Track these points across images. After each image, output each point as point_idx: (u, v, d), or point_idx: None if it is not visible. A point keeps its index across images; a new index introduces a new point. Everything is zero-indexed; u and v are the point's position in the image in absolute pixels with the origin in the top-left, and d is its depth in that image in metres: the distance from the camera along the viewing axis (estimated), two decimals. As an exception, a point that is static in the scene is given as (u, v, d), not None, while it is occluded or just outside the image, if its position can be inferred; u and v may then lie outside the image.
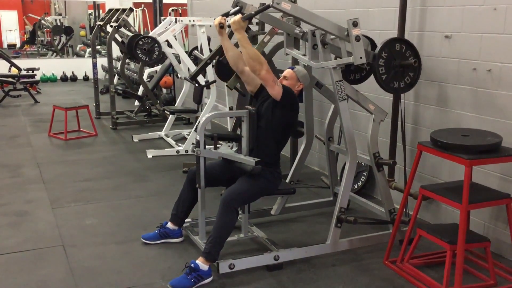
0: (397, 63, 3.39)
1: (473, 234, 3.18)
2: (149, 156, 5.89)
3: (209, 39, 6.26)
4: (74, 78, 12.73)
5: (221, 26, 3.33)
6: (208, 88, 5.90)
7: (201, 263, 3.08)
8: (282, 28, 3.77)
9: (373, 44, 3.58)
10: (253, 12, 3.16)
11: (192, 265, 3.07)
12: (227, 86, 4.45)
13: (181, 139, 6.67)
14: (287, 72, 3.48)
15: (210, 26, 6.12)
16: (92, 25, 15.70)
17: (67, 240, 3.70)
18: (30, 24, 16.55)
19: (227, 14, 3.46)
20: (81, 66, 12.80)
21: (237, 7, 3.41)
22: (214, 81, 5.76)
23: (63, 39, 14.89)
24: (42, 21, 15.97)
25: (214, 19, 3.43)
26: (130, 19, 8.04)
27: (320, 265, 3.33)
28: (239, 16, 3.17)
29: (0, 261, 3.40)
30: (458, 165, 2.99)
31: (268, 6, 3.11)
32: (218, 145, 3.39)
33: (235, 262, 3.18)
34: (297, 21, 4.42)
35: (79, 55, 14.39)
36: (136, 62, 8.74)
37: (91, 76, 10.56)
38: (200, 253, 3.17)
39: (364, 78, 3.75)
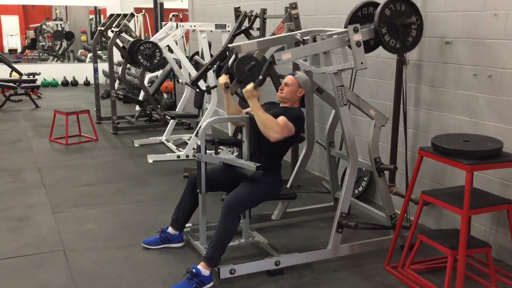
0: (399, 23, 3.34)
1: (474, 240, 3.17)
2: (150, 161, 5.89)
3: (210, 44, 6.27)
4: (75, 83, 12.74)
5: (227, 86, 3.47)
6: (209, 93, 5.91)
7: (203, 268, 3.08)
8: (284, 42, 3.80)
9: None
10: (261, 77, 3.24)
11: (194, 270, 3.07)
12: (228, 91, 4.45)
13: (182, 144, 6.67)
14: (288, 78, 3.50)
15: (211, 31, 6.14)
16: (93, 30, 15.73)
17: (67, 245, 3.70)
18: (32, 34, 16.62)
19: (227, 70, 3.56)
20: (82, 71, 12.81)
21: (233, 56, 3.54)
22: (215, 86, 5.77)
23: (64, 44, 14.93)
24: (43, 26, 16.01)
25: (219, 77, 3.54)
26: (131, 24, 8.06)
27: (321, 270, 3.33)
28: (251, 85, 3.25)
29: (0, 266, 3.40)
30: (459, 170, 2.99)
31: (270, 63, 3.18)
32: (219, 150, 3.39)
33: (236, 267, 3.18)
34: (298, 26, 4.44)
35: (80, 60, 14.41)
36: (137, 67, 8.76)
37: (92, 81, 10.56)
38: (201, 258, 3.17)
39: (372, 49, 3.67)
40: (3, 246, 3.68)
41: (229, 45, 3.52)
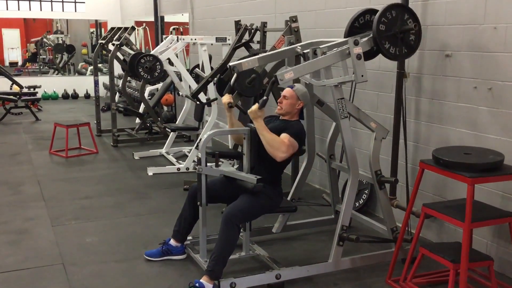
0: (397, 30, 3.34)
1: (476, 253, 3.15)
2: (150, 173, 5.88)
3: (210, 57, 6.29)
4: (75, 96, 12.77)
5: (230, 106, 3.48)
6: (209, 105, 5.92)
7: (206, 282, 3.06)
8: (285, 56, 3.83)
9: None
10: (265, 97, 3.28)
11: (197, 284, 3.05)
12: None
13: (182, 157, 6.66)
14: (287, 91, 3.50)
15: (212, 44, 6.17)
16: (93, 43, 15.80)
17: (67, 258, 3.67)
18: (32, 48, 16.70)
19: (230, 89, 3.57)
20: (82, 84, 12.84)
21: (235, 74, 3.56)
22: (215, 99, 5.78)
23: (65, 57, 14.99)
24: (44, 40, 16.08)
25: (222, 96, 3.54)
26: (131, 38, 8.09)
27: (322, 284, 3.30)
28: (256, 106, 3.26)
29: (-1, 279, 3.38)
30: (461, 183, 2.98)
31: (274, 83, 3.21)
32: (219, 163, 3.38)
33: (237, 281, 3.15)
34: (298, 39, 4.46)
35: (80, 73, 14.45)
36: (138, 80, 8.78)
37: (92, 93, 10.59)
38: (203, 272, 3.15)
39: (373, 56, 3.64)
40: (2, 260, 3.66)
41: (229, 64, 3.53)
